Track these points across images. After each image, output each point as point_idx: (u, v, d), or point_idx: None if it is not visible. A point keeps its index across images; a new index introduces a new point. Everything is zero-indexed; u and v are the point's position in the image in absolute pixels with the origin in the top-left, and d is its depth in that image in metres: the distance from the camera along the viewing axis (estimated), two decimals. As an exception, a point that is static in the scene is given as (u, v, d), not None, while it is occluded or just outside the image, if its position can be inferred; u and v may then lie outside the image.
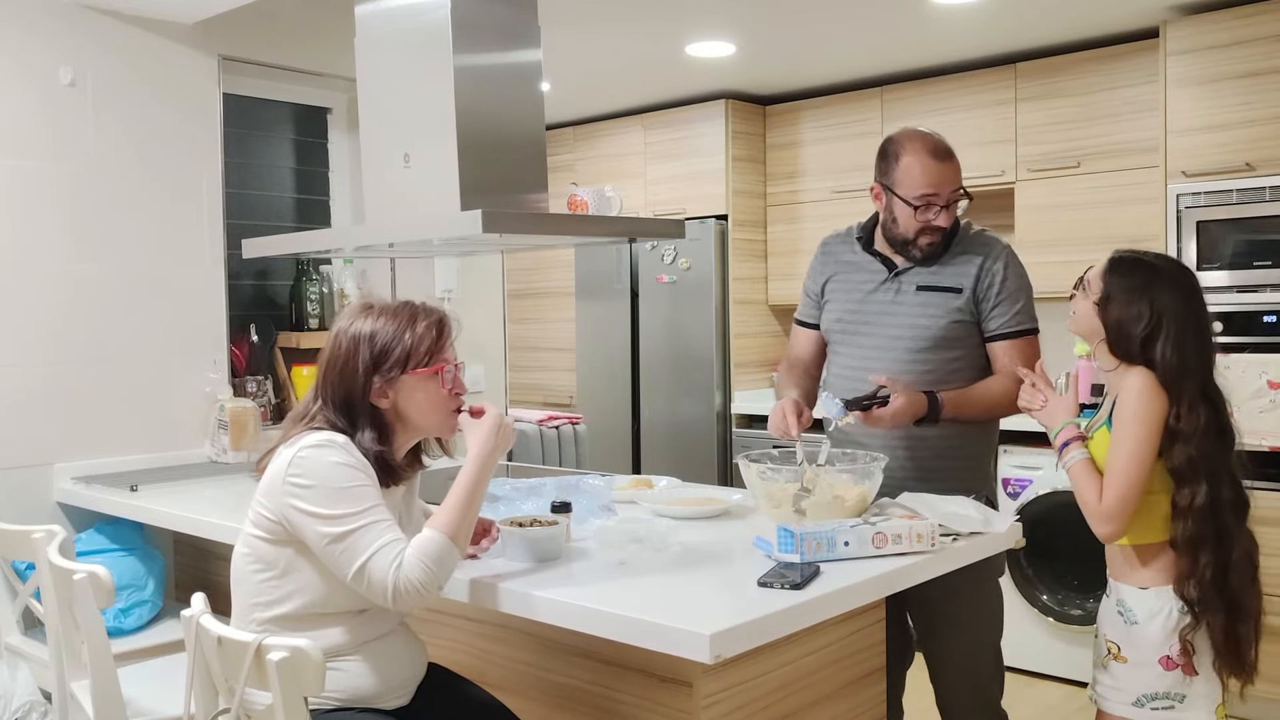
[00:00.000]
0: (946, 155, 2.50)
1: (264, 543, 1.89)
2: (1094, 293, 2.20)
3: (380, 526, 1.82)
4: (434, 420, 1.98)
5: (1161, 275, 2.17)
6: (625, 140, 5.79)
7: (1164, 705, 2.14)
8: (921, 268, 2.53)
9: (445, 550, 1.83)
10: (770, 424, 2.53)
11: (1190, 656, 2.11)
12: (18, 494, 3.09)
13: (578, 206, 2.93)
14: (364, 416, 1.92)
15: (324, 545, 1.81)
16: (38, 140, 3.16)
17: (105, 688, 2.16)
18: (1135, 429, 2.10)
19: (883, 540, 2.06)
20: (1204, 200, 3.85)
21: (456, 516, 1.87)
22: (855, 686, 2.14)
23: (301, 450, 1.85)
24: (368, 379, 1.91)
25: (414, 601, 1.81)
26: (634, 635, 1.74)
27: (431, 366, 1.94)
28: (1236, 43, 3.79)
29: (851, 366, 2.59)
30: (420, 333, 1.94)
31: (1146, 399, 2.11)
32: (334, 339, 1.96)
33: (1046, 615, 4.11)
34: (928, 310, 2.50)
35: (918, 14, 4.01)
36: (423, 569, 1.79)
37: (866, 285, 2.59)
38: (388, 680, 1.92)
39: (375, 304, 1.99)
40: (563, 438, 4.66)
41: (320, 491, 1.82)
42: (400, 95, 2.70)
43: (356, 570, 1.79)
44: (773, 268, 5.48)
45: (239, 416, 3.36)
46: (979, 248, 2.53)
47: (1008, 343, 2.49)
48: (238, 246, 3.15)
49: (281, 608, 1.88)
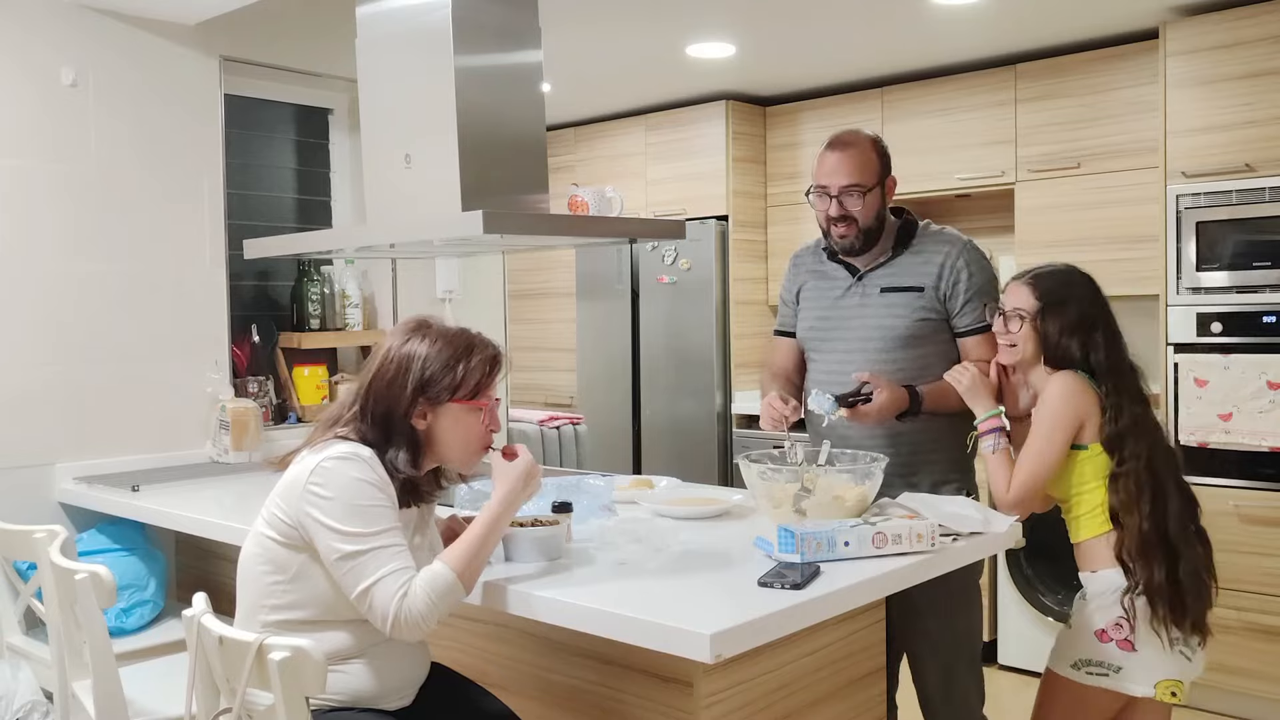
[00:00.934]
0: (841, 145, 2.58)
1: (277, 545, 1.88)
2: (1028, 313, 2.34)
3: (390, 552, 1.82)
4: (464, 452, 1.99)
5: (1075, 280, 2.37)
6: (626, 141, 5.79)
7: (1098, 672, 2.26)
8: (882, 270, 2.60)
9: (452, 588, 1.83)
10: (763, 418, 2.58)
11: (1129, 631, 2.22)
12: (19, 494, 3.10)
13: (578, 207, 2.94)
14: (401, 435, 1.92)
15: (333, 560, 1.81)
16: (39, 140, 3.16)
17: (107, 688, 2.16)
18: (1050, 430, 2.29)
19: (883, 540, 2.06)
20: (1204, 201, 3.85)
21: (469, 555, 1.87)
22: (855, 686, 2.15)
23: (326, 460, 1.85)
24: (414, 399, 1.92)
25: (410, 633, 1.81)
26: (635, 635, 1.75)
27: (477, 400, 1.95)
28: (1236, 43, 3.79)
29: (827, 370, 2.65)
30: (474, 364, 1.95)
31: (1067, 403, 2.28)
32: (385, 353, 1.96)
33: (1046, 615, 4.12)
34: (893, 310, 2.57)
35: (918, 15, 4.01)
36: (427, 603, 1.80)
37: (834, 291, 2.67)
38: (390, 682, 1.93)
39: (433, 325, 1.99)
40: (563, 438, 4.67)
41: (338, 505, 1.82)
42: (401, 96, 2.70)
43: (361, 592, 1.80)
44: (773, 268, 5.48)
45: (240, 417, 3.36)
46: (939, 245, 2.59)
47: (978, 337, 2.55)
48: (239, 247, 3.15)
49: (289, 613, 1.88)
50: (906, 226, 2.65)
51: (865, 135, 2.62)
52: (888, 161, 2.62)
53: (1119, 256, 4.22)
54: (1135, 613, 2.22)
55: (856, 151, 2.57)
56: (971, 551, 2.23)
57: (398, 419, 1.92)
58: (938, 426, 2.57)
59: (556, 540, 2.12)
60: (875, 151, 2.60)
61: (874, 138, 2.63)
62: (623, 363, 5.67)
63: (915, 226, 2.65)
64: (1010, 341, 2.39)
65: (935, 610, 2.51)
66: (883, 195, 2.59)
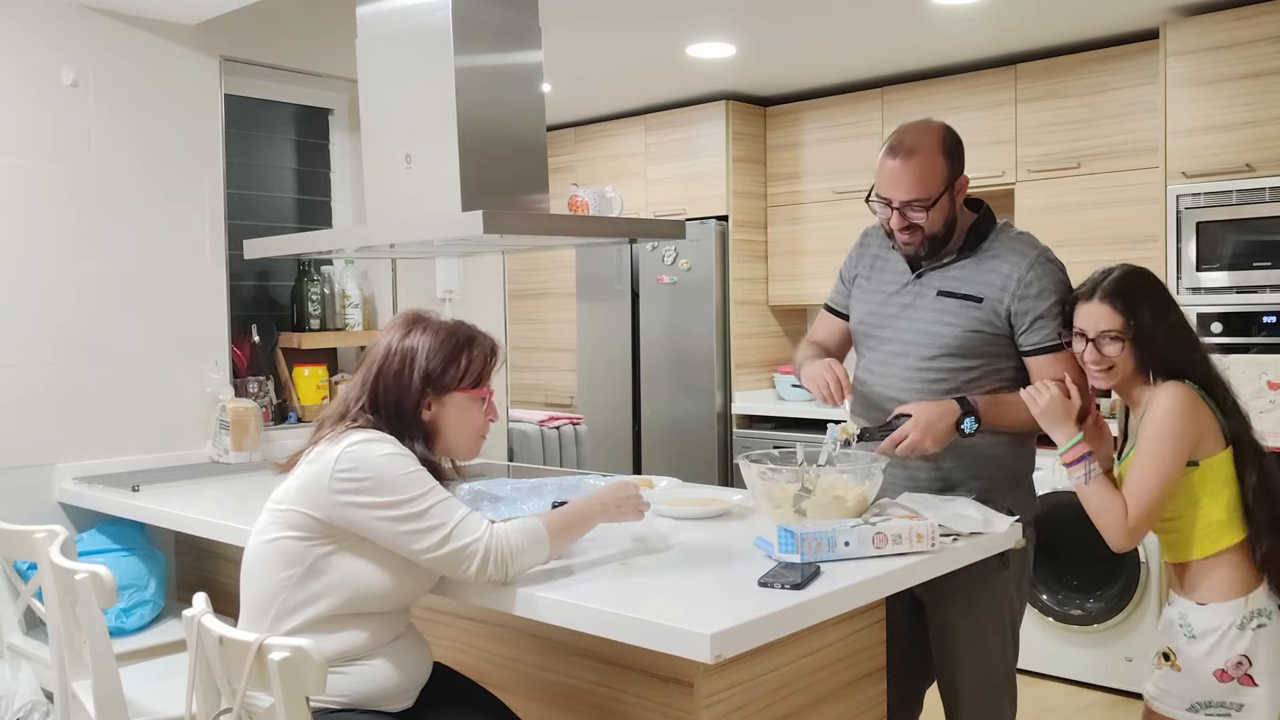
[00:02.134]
0: (903, 152, 2.31)
1: (294, 542, 1.86)
2: (1120, 332, 2.14)
3: (454, 501, 1.86)
4: (465, 440, 2.03)
5: (1148, 282, 2.19)
6: (626, 141, 5.79)
7: (1220, 713, 2.13)
8: (943, 271, 2.39)
9: (541, 539, 1.89)
10: (811, 383, 2.39)
11: (1249, 666, 2.10)
12: (19, 494, 3.09)
13: (578, 207, 2.94)
14: (415, 427, 1.96)
15: (397, 529, 1.82)
16: (39, 141, 3.16)
17: (107, 688, 2.16)
18: (1169, 446, 2.10)
19: (883, 540, 2.06)
20: (1204, 201, 3.85)
21: (563, 521, 1.95)
22: (855, 686, 2.15)
23: (350, 446, 1.86)
24: (422, 390, 1.95)
25: (499, 570, 1.83)
26: (635, 635, 1.75)
27: (479, 390, 2.01)
28: (1237, 43, 3.80)
29: (867, 370, 2.50)
30: (475, 355, 2.01)
31: (1181, 418, 2.09)
32: (387, 347, 1.99)
33: (1047, 615, 4.11)
34: (943, 318, 2.36)
35: (918, 15, 4.01)
36: (518, 538, 1.85)
37: (890, 286, 2.48)
38: (394, 684, 1.92)
39: (430, 318, 2.03)
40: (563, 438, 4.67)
41: (379, 482, 1.83)
42: (401, 96, 2.70)
43: (440, 539, 1.81)
44: (773, 268, 5.49)
45: (240, 417, 3.36)
46: (1010, 255, 2.34)
47: (1049, 356, 2.31)
48: (239, 247, 3.15)
49: (303, 612, 1.85)
50: (980, 226, 2.40)
51: (931, 137, 2.33)
52: (957, 161, 2.35)
53: (1119, 257, 4.13)
54: (1258, 645, 2.09)
55: (918, 162, 2.29)
56: (972, 551, 2.23)
57: (408, 410, 1.95)
58: (997, 443, 2.37)
59: (557, 540, 2.12)
60: (942, 154, 2.31)
61: (941, 136, 2.34)
62: (623, 363, 5.67)
63: (990, 227, 2.40)
64: (1106, 365, 2.17)
65: (972, 618, 2.40)
66: (951, 200, 2.34)
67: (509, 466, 4.02)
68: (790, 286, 5.42)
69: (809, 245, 5.31)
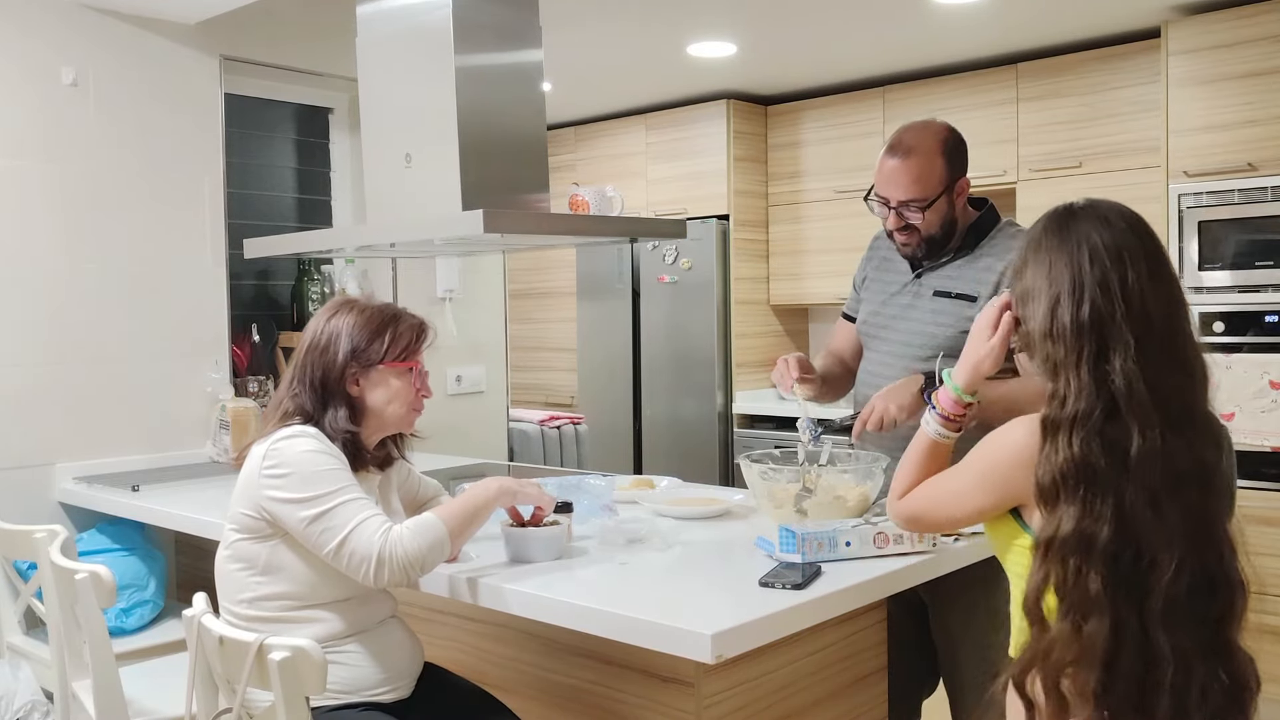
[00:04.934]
0: (902, 151, 2.30)
1: (245, 542, 1.93)
2: None
3: (360, 503, 1.87)
4: (399, 412, 2.05)
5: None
6: (627, 140, 5.79)
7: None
8: (941, 271, 2.38)
9: (440, 537, 1.88)
10: (774, 374, 2.50)
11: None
12: (19, 494, 3.09)
13: (579, 206, 2.93)
14: (337, 397, 1.99)
15: (304, 528, 1.84)
16: (39, 140, 3.15)
17: (107, 687, 2.16)
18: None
19: (884, 540, 2.06)
20: (1206, 200, 3.85)
21: (458, 515, 1.94)
22: (856, 687, 2.14)
23: (274, 443, 1.91)
24: (346, 364, 1.99)
25: (398, 574, 1.83)
26: (635, 635, 1.74)
27: (406, 363, 2.04)
28: (1238, 43, 3.79)
29: (870, 371, 2.50)
30: (401, 330, 2.05)
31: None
32: (314, 329, 2.04)
33: (1048, 615, 4.11)
34: (938, 318, 2.36)
35: (919, 14, 4.01)
36: (415, 542, 1.84)
37: (892, 287, 2.49)
38: (386, 669, 1.94)
39: (358, 301, 2.09)
40: (564, 438, 4.66)
41: (296, 477, 1.86)
42: (402, 95, 2.70)
43: (338, 544, 1.83)
44: (774, 268, 5.48)
45: (240, 416, 3.36)
46: (1004, 253, 2.30)
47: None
48: (239, 246, 3.15)
49: (267, 605, 1.91)
50: (979, 225, 2.38)
51: (931, 137, 2.31)
52: (958, 162, 2.33)
53: (1120, 256, 4.21)
54: None
55: (917, 161, 2.28)
56: (972, 551, 2.22)
57: (332, 383, 1.99)
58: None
59: (557, 540, 2.12)
60: (941, 155, 2.30)
61: (943, 137, 2.32)
62: (623, 362, 5.67)
63: (990, 225, 2.38)
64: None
65: (979, 621, 2.34)
66: (950, 202, 2.32)
67: (509, 466, 4.02)
68: (791, 286, 5.41)
69: (810, 244, 5.31)
